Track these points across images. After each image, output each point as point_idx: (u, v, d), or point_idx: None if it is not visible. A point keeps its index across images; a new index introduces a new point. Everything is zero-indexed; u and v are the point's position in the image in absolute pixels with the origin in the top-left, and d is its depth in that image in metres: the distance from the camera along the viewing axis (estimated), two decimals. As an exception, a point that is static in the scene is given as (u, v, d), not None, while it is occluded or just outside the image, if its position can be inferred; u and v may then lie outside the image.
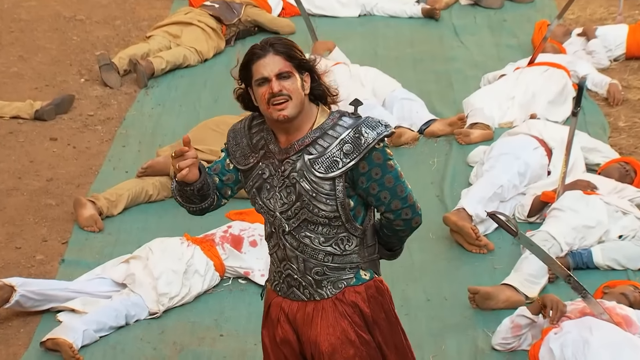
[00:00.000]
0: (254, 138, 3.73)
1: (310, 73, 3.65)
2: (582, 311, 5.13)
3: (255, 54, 3.60)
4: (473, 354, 5.27)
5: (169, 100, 8.47)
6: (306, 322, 3.78)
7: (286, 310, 3.80)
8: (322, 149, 3.60)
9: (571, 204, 6.07)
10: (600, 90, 8.21)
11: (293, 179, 3.65)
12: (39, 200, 6.96)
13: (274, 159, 3.68)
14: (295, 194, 3.65)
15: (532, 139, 6.75)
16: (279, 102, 3.57)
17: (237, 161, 3.76)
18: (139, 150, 7.64)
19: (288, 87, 3.57)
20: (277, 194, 3.68)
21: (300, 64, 3.62)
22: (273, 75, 3.58)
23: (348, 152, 3.58)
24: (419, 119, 7.72)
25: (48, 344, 5.33)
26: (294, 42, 3.67)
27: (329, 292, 3.76)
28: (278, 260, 3.79)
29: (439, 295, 5.76)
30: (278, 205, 3.69)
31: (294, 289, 3.79)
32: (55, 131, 7.96)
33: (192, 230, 6.35)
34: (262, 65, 3.58)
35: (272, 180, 3.68)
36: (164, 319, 5.62)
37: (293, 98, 3.58)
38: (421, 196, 6.67)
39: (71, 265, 6.13)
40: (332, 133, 3.62)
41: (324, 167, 3.61)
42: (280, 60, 3.59)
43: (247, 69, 3.61)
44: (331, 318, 3.75)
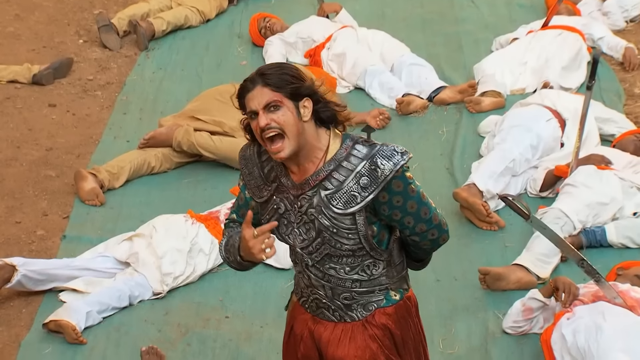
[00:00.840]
0: (265, 167, 3.63)
1: (312, 97, 3.50)
2: (595, 294, 5.17)
3: (245, 88, 3.50)
4: (483, 337, 5.33)
5: (171, 63, 8.46)
6: (332, 343, 3.75)
7: (312, 328, 3.77)
8: (338, 183, 3.51)
9: (585, 179, 6.09)
10: (615, 55, 8.19)
11: (311, 215, 3.56)
12: (39, 171, 6.99)
13: (287, 193, 3.58)
14: (315, 230, 3.57)
15: (545, 110, 6.75)
16: (271, 136, 3.46)
17: (252, 192, 3.66)
18: (140, 118, 7.66)
19: (278, 120, 3.44)
20: (295, 230, 3.61)
21: (294, 91, 3.46)
22: (260, 108, 3.45)
23: (365, 185, 3.48)
24: (429, 86, 7.72)
25: (51, 325, 5.39)
26: (286, 65, 3.52)
27: (359, 315, 3.72)
28: (304, 284, 3.74)
29: (449, 275, 5.81)
30: (298, 242, 3.63)
31: (324, 310, 3.74)
32: (54, 97, 7.97)
33: (196, 205, 6.39)
34: (250, 98, 3.48)
35: (288, 215, 3.60)
36: (168, 299, 5.68)
37: (286, 131, 3.45)
38: (430, 169, 6.85)
39: (73, 241, 6.17)
40: (347, 165, 3.50)
41: (342, 203, 3.51)
42: (267, 91, 3.44)
43: (241, 102, 3.53)
44: (360, 341, 3.73)
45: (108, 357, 5.27)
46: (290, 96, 3.45)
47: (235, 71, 8.31)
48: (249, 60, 8.46)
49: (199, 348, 5.30)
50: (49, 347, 5.32)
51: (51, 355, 5.28)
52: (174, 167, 6.97)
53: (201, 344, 5.33)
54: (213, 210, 6.12)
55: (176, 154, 6.94)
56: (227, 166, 6.88)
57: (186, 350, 5.29)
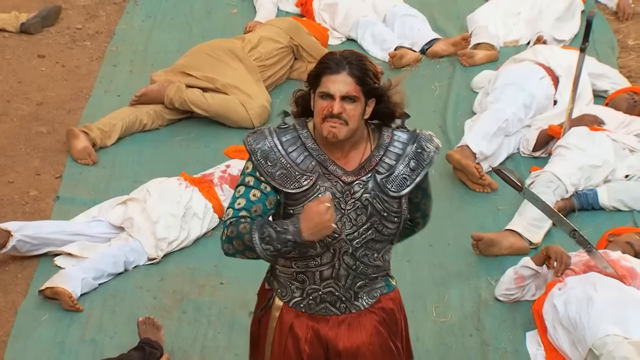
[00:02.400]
0: (297, 157, 3.65)
1: (379, 99, 3.63)
2: (587, 264, 5.29)
3: (329, 68, 3.57)
4: (476, 304, 5.45)
5: (160, 11, 8.45)
6: (341, 336, 3.82)
7: (316, 327, 3.82)
8: (389, 167, 3.66)
9: (577, 141, 6.17)
10: (609, 4, 8.22)
11: (365, 200, 3.66)
12: (30, 127, 7.02)
13: (337, 181, 3.64)
14: (367, 215, 3.67)
15: (538, 68, 6.80)
16: (334, 123, 3.57)
17: (279, 183, 3.63)
18: (131, 70, 7.67)
19: (349, 112, 3.56)
20: (345, 217, 3.66)
21: (370, 91, 3.59)
22: (339, 95, 3.55)
23: (414, 168, 3.68)
24: (421, 38, 7.74)
25: (47, 292, 5.48)
26: (371, 64, 3.61)
27: (365, 303, 3.83)
28: (319, 278, 3.76)
29: (442, 239, 5.91)
30: (346, 228, 3.67)
31: (327, 305, 3.80)
32: (43, 47, 7.97)
33: (189, 165, 6.46)
34: (331, 80, 3.56)
35: (337, 203, 3.64)
36: (163, 264, 5.77)
37: (350, 123, 3.57)
38: (423, 126, 6.75)
39: (66, 203, 6.24)
40: (394, 150, 3.67)
41: (395, 186, 3.66)
42: (351, 82, 3.55)
43: (317, 77, 3.60)
44: (370, 327, 3.84)
45: (104, 325, 5.38)
46: (365, 93, 3.58)
47: (226, 20, 8.30)
48: (239, 9, 8.45)
49: (195, 316, 5.41)
50: (46, 314, 5.42)
51: (48, 323, 5.37)
52: (166, 124, 7.01)
53: (196, 312, 5.44)
54: (206, 173, 6.18)
55: (168, 111, 6.98)
56: (219, 123, 6.93)
57: (182, 318, 5.40)
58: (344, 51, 3.63)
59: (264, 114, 6.90)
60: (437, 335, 5.25)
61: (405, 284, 5.49)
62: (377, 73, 3.62)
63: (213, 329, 5.33)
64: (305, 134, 3.67)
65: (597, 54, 7.48)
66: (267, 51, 7.25)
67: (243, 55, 7.11)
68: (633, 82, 7.23)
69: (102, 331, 5.32)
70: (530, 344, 5.16)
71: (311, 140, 3.67)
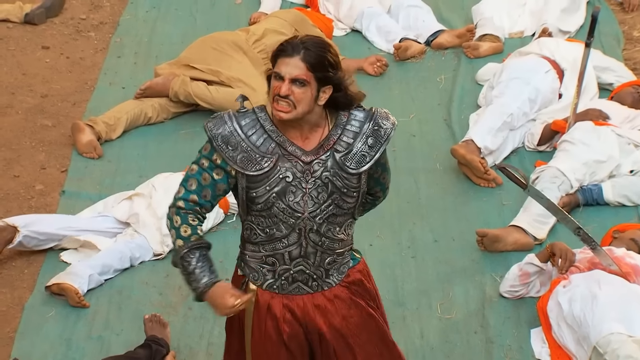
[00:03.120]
0: (257, 140, 3.77)
1: (336, 87, 3.74)
2: (591, 261, 5.33)
3: (284, 50, 3.69)
4: (481, 301, 5.49)
5: (164, 2, 8.46)
6: (319, 314, 3.95)
7: (292, 306, 3.95)
8: (347, 145, 3.79)
9: (582, 136, 6.20)
10: (615, -6, 8.24)
11: (326, 178, 3.79)
12: (35, 120, 7.06)
13: (296, 161, 3.77)
14: (327, 193, 3.80)
15: (543, 61, 6.82)
16: (281, 105, 3.70)
17: (241, 167, 3.77)
18: (135, 62, 7.70)
19: (297, 95, 3.69)
20: (307, 195, 3.79)
21: (324, 78, 3.70)
22: (288, 77, 3.68)
23: (372, 145, 3.81)
24: (426, 29, 7.76)
25: (53, 288, 5.53)
26: (329, 49, 3.71)
27: (335, 280, 3.97)
28: (289, 259, 3.89)
29: (447, 235, 5.95)
30: (309, 207, 3.81)
31: (299, 284, 3.94)
32: (47, 38, 8.00)
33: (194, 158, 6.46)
34: (284, 63, 3.68)
35: (298, 182, 3.78)
36: (169, 260, 5.69)
37: (297, 107, 3.70)
38: (429, 120, 6.96)
39: (72, 197, 6.28)
40: (351, 128, 3.80)
41: (354, 163, 3.80)
42: (302, 66, 3.67)
43: (275, 58, 3.73)
44: (348, 301, 3.98)
45: (111, 321, 5.43)
46: (318, 80, 3.70)
47: (230, 11, 8.32)
48: (244, 0, 8.47)
49: (200, 312, 5.45)
50: (52, 311, 5.47)
51: (54, 319, 5.42)
52: (171, 117, 7.05)
53: (202, 308, 5.46)
54: (212, 168, 6.20)
55: (173, 104, 7.01)
56: (224, 116, 6.95)
57: (188, 315, 5.45)
58: (306, 37, 3.74)
59: (269, 107, 6.91)
60: (441, 333, 5.30)
61: (410, 280, 5.61)
62: (336, 63, 3.72)
63: (219, 325, 5.35)
64: (263, 116, 3.80)
65: (602, 46, 7.50)
66: (272, 43, 7.23)
67: (247, 48, 7.14)
68: (638, 74, 7.25)
69: (109, 328, 5.37)
70: (534, 341, 5.21)
71: (269, 122, 3.79)
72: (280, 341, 3.96)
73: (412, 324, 5.32)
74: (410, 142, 6.71)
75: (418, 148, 6.67)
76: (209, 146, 3.84)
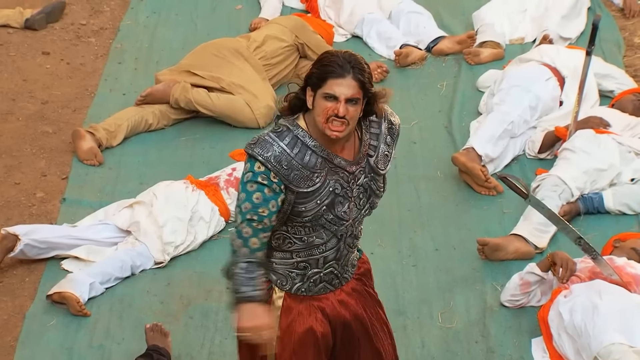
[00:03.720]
0: (304, 158, 3.83)
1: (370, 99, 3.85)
2: (592, 270, 5.35)
3: (335, 71, 3.75)
4: (482, 310, 5.51)
5: (164, 7, 8.49)
6: (344, 308, 4.09)
7: (322, 306, 4.06)
8: (374, 148, 3.94)
9: (583, 144, 6.22)
10: (615, 0, 8.25)
11: (366, 184, 3.94)
12: (35, 127, 7.08)
13: (343, 172, 3.88)
14: (367, 197, 3.96)
15: (544, 68, 6.84)
16: (336, 125, 3.77)
17: (295, 185, 3.82)
18: (136, 68, 7.72)
19: (352, 113, 3.78)
20: (352, 203, 3.92)
21: (368, 94, 3.81)
22: (344, 98, 3.75)
23: (389, 143, 3.98)
24: (427, 36, 7.78)
25: (55, 297, 5.55)
26: (368, 67, 3.81)
27: (350, 274, 4.14)
28: (323, 263, 4.00)
29: (447, 244, 5.97)
30: (353, 214, 3.94)
31: (325, 284, 4.06)
32: (48, 43, 8.02)
33: (195, 166, 6.53)
34: (337, 84, 3.75)
35: (345, 192, 3.89)
36: (170, 268, 5.84)
37: (350, 123, 3.80)
38: (429, 128, 6.98)
39: (73, 205, 6.31)
40: (373, 131, 3.95)
41: (382, 164, 3.96)
42: (356, 86, 3.76)
43: (321, 79, 3.77)
44: (363, 292, 4.17)
45: (112, 330, 5.45)
46: (364, 95, 3.82)
47: (231, 16, 8.35)
48: (244, 5, 8.49)
49: (202, 321, 5.48)
50: (53, 319, 5.49)
51: (55, 328, 5.44)
52: (171, 124, 7.07)
53: (204, 317, 5.50)
54: (212, 176, 6.24)
55: (173, 111, 7.03)
56: (225, 123, 6.99)
57: (189, 324, 5.47)
58: (344, 53, 3.80)
59: (270, 113, 6.95)
60: (442, 342, 5.32)
61: (411, 289, 5.63)
62: (372, 76, 3.85)
63: (220, 334, 5.40)
64: (302, 133, 3.85)
65: (602, 53, 7.52)
66: (272, 50, 7.29)
67: (248, 55, 7.16)
68: (639, 81, 7.27)
69: (110, 337, 5.39)
70: (535, 351, 5.23)
71: (309, 137, 3.85)
72: (311, 342, 4.05)
73: (413, 333, 5.35)
74: (411, 150, 6.73)
75: (419, 155, 6.70)
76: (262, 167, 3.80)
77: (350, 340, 4.14)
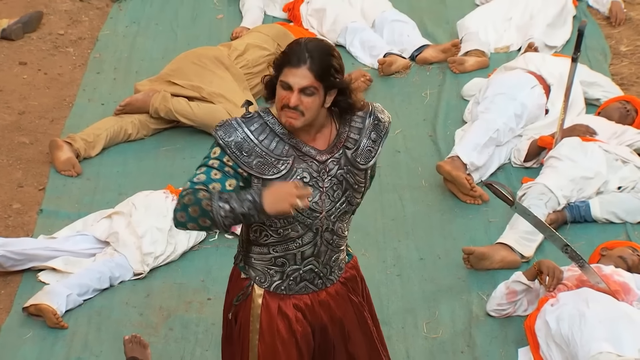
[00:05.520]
0: (270, 144, 3.82)
1: (340, 91, 3.80)
2: (579, 279, 5.34)
3: (289, 60, 3.74)
4: (467, 320, 5.49)
5: (144, 17, 8.47)
6: (323, 309, 4.06)
7: (301, 305, 4.04)
8: (354, 141, 3.90)
9: (569, 152, 6.23)
10: (601, 8, 8.28)
11: (341, 176, 3.90)
12: (12, 137, 7.03)
13: (312, 161, 3.85)
14: (342, 190, 3.91)
15: (530, 76, 6.85)
16: (290, 114, 3.76)
17: (258, 172, 3.80)
18: (115, 78, 7.70)
19: (306, 104, 3.75)
20: (324, 194, 3.89)
21: (331, 84, 3.76)
22: (297, 87, 3.73)
23: (375, 139, 3.95)
24: (411, 44, 7.79)
25: (31, 309, 5.51)
26: (333, 53, 3.74)
27: (336, 276, 4.10)
28: (300, 258, 3.97)
29: (432, 253, 5.96)
30: (326, 205, 3.90)
31: (306, 283, 4.03)
32: (24, 53, 7.99)
33: (175, 177, 6.50)
34: (292, 73, 3.73)
35: (315, 182, 3.86)
36: (149, 279, 5.80)
37: (306, 114, 3.77)
38: (413, 137, 6.97)
39: (50, 216, 6.26)
40: (355, 124, 3.91)
41: (363, 159, 3.92)
42: (310, 76, 3.72)
43: (279, 68, 3.78)
44: (346, 297, 4.12)
45: (90, 342, 5.40)
46: (325, 86, 3.75)
47: (212, 25, 8.34)
48: (225, 14, 8.49)
49: (182, 333, 5.44)
50: (30, 332, 5.44)
51: (32, 341, 5.40)
52: (151, 134, 7.04)
53: (184, 329, 5.47)
54: (193, 186, 6.19)
55: (153, 121, 7.01)
56: (205, 133, 6.95)
57: (168, 335, 5.44)
58: (311, 42, 3.77)
59: (251, 123, 6.91)
60: (428, 352, 5.30)
61: (395, 299, 5.61)
62: (340, 67, 3.77)
63: (200, 346, 5.37)
64: (271, 120, 3.84)
65: (589, 61, 7.54)
66: (254, 58, 7.28)
67: (229, 63, 7.15)
68: (625, 89, 7.29)
69: (88, 349, 5.35)
70: (522, 360, 5.22)
71: (279, 125, 3.84)
72: (292, 342, 4.03)
73: (398, 343, 5.32)
74: (395, 158, 6.72)
75: (403, 164, 6.69)
76: (219, 150, 3.82)
77: (325, 345, 4.13)
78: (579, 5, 8.22)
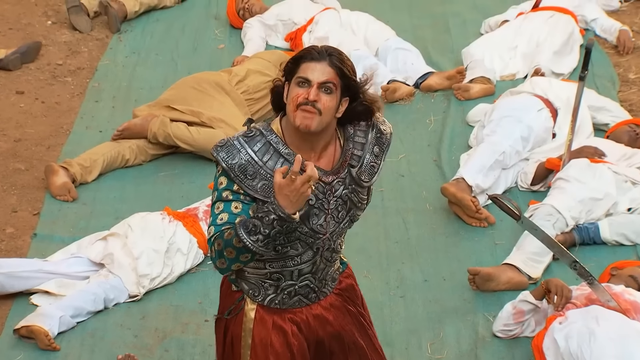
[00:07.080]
0: (274, 166, 3.68)
1: (353, 97, 3.70)
2: (589, 297, 5.23)
3: (310, 55, 3.65)
4: (473, 341, 5.39)
5: (144, 48, 8.46)
6: (318, 323, 3.97)
7: (296, 319, 3.95)
8: (358, 158, 3.80)
9: (577, 174, 6.15)
10: (609, 37, 8.25)
11: (345, 196, 3.80)
12: (7, 164, 6.98)
13: (318, 183, 3.73)
14: (346, 210, 3.83)
15: (536, 99, 6.80)
16: (307, 112, 3.63)
17: (262, 195, 3.67)
18: (113, 106, 7.66)
19: (324, 102, 3.63)
20: (329, 216, 3.80)
21: (347, 86, 3.66)
22: (317, 82, 3.63)
23: (377, 153, 3.85)
24: (415, 72, 7.75)
25: (22, 331, 5.42)
26: (347, 58, 3.70)
27: (330, 288, 4.01)
28: (297, 275, 3.87)
29: (437, 275, 5.86)
30: (331, 227, 3.82)
31: (300, 297, 3.94)
32: (22, 83, 7.97)
33: (173, 201, 6.43)
34: (311, 67, 3.64)
35: (321, 204, 3.76)
36: (145, 302, 5.71)
37: (323, 115, 3.64)
38: (417, 162, 6.90)
39: (44, 240, 6.19)
40: (358, 139, 3.80)
41: (367, 176, 3.83)
42: (331, 72, 3.63)
43: (296, 64, 3.67)
44: (342, 309, 4.04)
45: (83, 364, 5.31)
46: (342, 88, 3.67)
47: (213, 56, 8.32)
48: (226, 44, 8.47)
49: (178, 354, 5.34)
50: (20, 354, 5.35)
51: (23, 363, 5.32)
52: (149, 160, 6.98)
53: (180, 350, 5.37)
54: (191, 207, 6.14)
55: (151, 146, 6.95)
56: (205, 158, 6.90)
57: (164, 357, 5.33)
58: (325, 45, 3.73)
59: (252, 149, 6.86)
60: (432, 373, 5.20)
61: (399, 320, 5.51)
62: (354, 70, 3.70)
63: (195, 368, 5.28)
64: (275, 139, 3.72)
65: (597, 88, 7.50)
66: (255, 84, 7.24)
67: (230, 88, 7.11)
68: (634, 115, 7.23)
69: (80, 371, 5.26)
70: (530, 381, 5.11)
71: (282, 144, 3.72)
72: (287, 356, 3.93)
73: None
74: (399, 182, 6.66)
75: (407, 188, 6.62)
76: (225, 180, 3.71)
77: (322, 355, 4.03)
78: (586, 34, 8.19)
